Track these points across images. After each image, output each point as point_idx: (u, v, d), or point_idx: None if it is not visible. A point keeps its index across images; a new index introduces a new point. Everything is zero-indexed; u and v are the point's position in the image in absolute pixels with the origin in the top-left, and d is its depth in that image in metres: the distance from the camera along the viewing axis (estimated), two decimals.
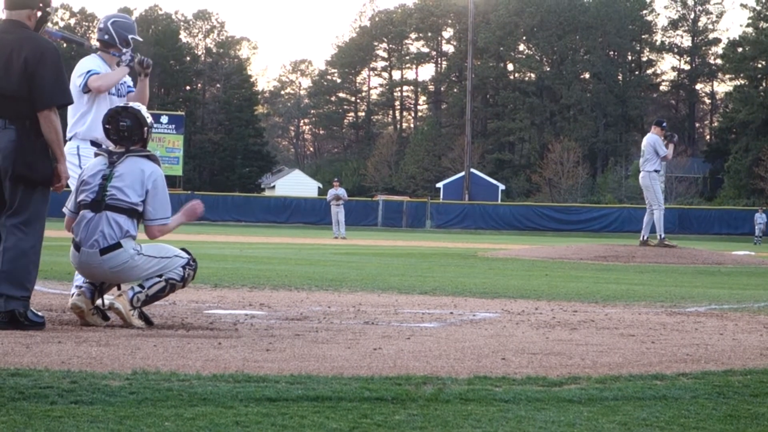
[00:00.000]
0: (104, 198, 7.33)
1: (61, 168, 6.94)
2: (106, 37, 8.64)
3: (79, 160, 8.40)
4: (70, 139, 8.51)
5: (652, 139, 21.23)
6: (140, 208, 7.39)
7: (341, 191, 39.98)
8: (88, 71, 8.46)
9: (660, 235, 21.29)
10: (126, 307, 7.23)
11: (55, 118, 6.84)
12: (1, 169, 6.85)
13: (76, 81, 8.41)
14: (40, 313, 7.11)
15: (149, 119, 7.64)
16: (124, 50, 8.51)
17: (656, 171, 21.13)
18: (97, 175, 7.44)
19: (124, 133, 7.50)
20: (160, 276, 7.34)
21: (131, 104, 7.75)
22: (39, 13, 7.05)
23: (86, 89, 8.40)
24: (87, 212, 7.33)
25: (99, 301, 7.46)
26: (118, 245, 7.25)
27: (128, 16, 8.97)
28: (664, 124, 22.04)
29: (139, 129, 7.54)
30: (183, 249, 7.69)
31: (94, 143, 8.54)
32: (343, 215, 39.26)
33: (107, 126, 7.58)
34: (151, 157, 7.54)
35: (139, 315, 7.32)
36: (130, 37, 8.61)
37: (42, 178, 6.89)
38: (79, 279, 7.82)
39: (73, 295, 7.52)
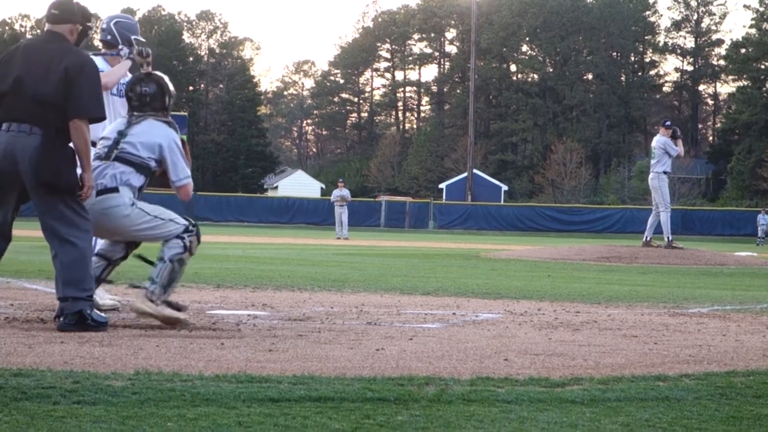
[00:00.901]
0: (115, 151, 7.38)
1: (86, 177, 6.95)
2: (109, 37, 8.65)
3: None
4: None
5: (661, 140, 21.29)
6: (151, 165, 7.39)
7: (345, 192, 39.98)
8: None
9: (667, 237, 21.27)
10: (149, 305, 7.21)
11: (86, 129, 6.87)
12: (23, 175, 6.86)
13: None
14: (102, 314, 7.19)
15: (172, 88, 7.63)
16: (121, 46, 8.51)
17: (665, 173, 21.18)
18: (114, 131, 7.52)
19: (146, 98, 7.52)
20: (161, 259, 7.29)
21: (155, 72, 7.76)
22: (80, 28, 7.20)
23: None
24: (97, 161, 7.39)
25: (98, 301, 7.47)
26: (115, 189, 7.27)
27: (131, 17, 8.98)
28: (668, 123, 22.05)
29: (161, 96, 7.56)
30: (184, 216, 7.58)
31: (95, 143, 8.55)
32: (346, 216, 39.28)
33: (129, 93, 7.58)
34: (170, 123, 7.54)
35: (167, 305, 7.30)
36: (132, 37, 8.62)
37: (66, 185, 6.89)
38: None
39: None
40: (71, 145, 6.92)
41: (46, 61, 6.90)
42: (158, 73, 7.74)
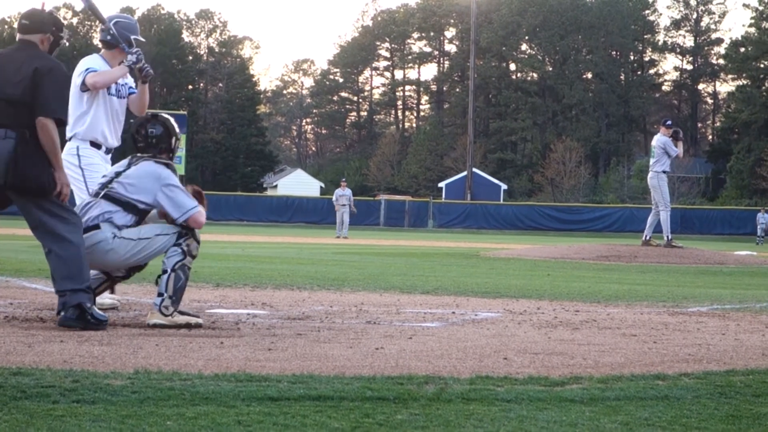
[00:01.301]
0: (105, 189, 7.41)
1: (59, 176, 6.95)
2: (109, 37, 8.64)
3: (79, 160, 8.40)
4: (69, 139, 8.50)
5: (661, 140, 21.28)
6: (139, 206, 7.38)
7: (347, 191, 39.90)
8: (87, 69, 8.46)
9: (667, 236, 21.26)
10: (162, 318, 7.22)
11: (52, 127, 6.88)
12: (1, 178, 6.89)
13: (76, 80, 8.42)
14: (102, 312, 7.21)
15: (177, 129, 7.66)
16: (134, 49, 8.49)
17: (665, 172, 21.18)
18: (113, 171, 7.57)
19: (152, 140, 7.53)
20: (164, 270, 7.30)
21: (161, 113, 7.79)
22: (51, 38, 7.21)
23: (84, 87, 8.41)
24: (88, 198, 7.49)
25: (97, 300, 7.48)
26: (96, 227, 7.28)
27: (131, 17, 8.96)
28: (669, 123, 22.05)
29: (167, 138, 7.58)
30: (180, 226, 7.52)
31: (93, 144, 8.54)
32: (348, 216, 39.22)
33: (135, 135, 7.59)
34: (169, 165, 7.53)
35: (180, 313, 7.32)
36: (132, 37, 8.61)
37: (36, 187, 6.90)
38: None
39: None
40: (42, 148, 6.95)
41: (17, 65, 6.97)
42: (164, 114, 7.78)
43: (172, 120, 7.71)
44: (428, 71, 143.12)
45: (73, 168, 8.29)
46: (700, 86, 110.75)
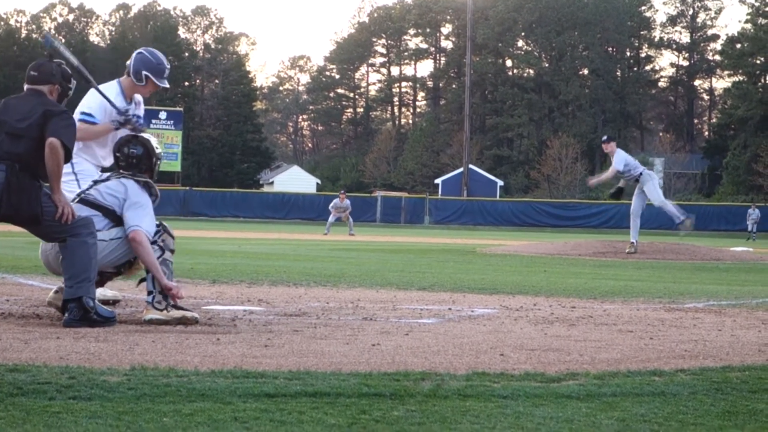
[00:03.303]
0: (82, 195, 7.55)
1: (56, 198, 7.08)
2: (129, 65, 8.65)
3: (72, 166, 8.37)
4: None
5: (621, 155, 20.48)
6: (116, 210, 7.44)
7: (346, 203, 39.71)
8: (83, 113, 8.45)
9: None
10: (157, 313, 7.24)
11: (60, 151, 6.99)
12: None
13: (77, 113, 8.45)
14: (109, 309, 7.26)
15: (159, 151, 7.72)
16: (124, 110, 8.39)
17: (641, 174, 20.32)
18: (93, 180, 7.80)
19: (133, 160, 7.66)
20: (147, 271, 7.34)
21: (142, 134, 7.85)
22: (59, 89, 7.34)
23: None
24: None
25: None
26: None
27: (158, 53, 8.79)
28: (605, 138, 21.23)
29: (147, 159, 7.70)
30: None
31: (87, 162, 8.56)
32: (350, 217, 39.11)
33: (117, 154, 7.70)
34: (147, 184, 7.60)
35: (174, 308, 7.33)
36: (143, 72, 8.55)
37: (29, 217, 7.03)
38: None
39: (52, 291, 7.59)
40: (37, 179, 7.06)
41: (29, 106, 7.13)
42: (145, 135, 7.83)
43: (153, 141, 7.83)
44: (424, 67, 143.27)
45: (70, 182, 8.29)
46: (697, 82, 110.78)
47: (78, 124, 8.35)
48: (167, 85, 8.76)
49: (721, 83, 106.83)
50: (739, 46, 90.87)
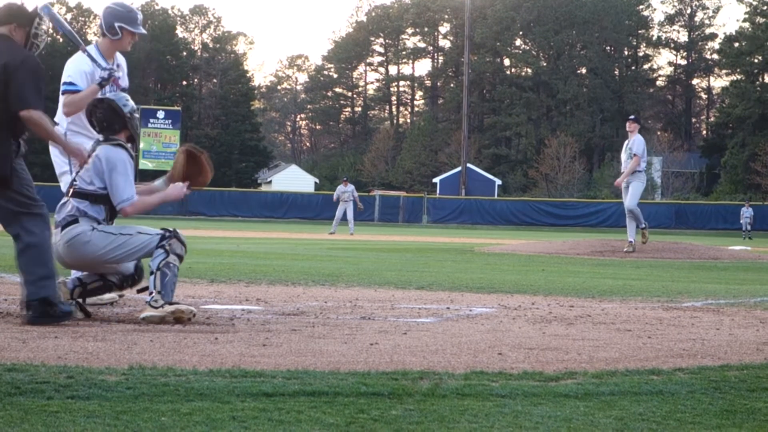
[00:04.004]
0: (73, 185, 7.56)
1: (69, 149, 7.11)
2: (101, 24, 8.57)
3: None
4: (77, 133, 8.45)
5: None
6: (102, 192, 7.47)
7: (350, 187, 39.54)
8: (65, 83, 8.38)
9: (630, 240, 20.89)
10: (153, 311, 7.24)
11: (37, 115, 6.88)
12: None
13: (61, 83, 8.40)
14: (68, 304, 7.23)
15: (128, 107, 7.66)
16: (106, 68, 8.36)
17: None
18: (76, 170, 7.78)
19: (104, 123, 7.64)
20: (151, 272, 7.33)
21: (107, 95, 7.84)
22: (25, 29, 7.11)
23: (64, 109, 8.40)
24: (64, 198, 7.61)
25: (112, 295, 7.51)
26: (75, 221, 7.40)
27: (126, 5, 8.68)
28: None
29: (118, 117, 7.62)
30: (163, 229, 7.63)
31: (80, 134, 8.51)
32: (352, 212, 38.92)
33: (91, 120, 7.74)
34: (121, 145, 7.59)
35: (169, 303, 7.34)
36: (116, 25, 8.46)
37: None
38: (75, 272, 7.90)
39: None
40: (14, 138, 6.92)
41: None
42: (109, 96, 7.80)
43: (120, 99, 7.71)
44: (422, 67, 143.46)
45: (60, 156, 8.27)
46: (694, 81, 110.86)
47: (62, 98, 8.35)
48: (144, 31, 8.63)
49: (719, 82, 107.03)
50: (737, 44, 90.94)
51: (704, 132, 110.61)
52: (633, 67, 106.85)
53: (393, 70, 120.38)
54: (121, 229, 7.42)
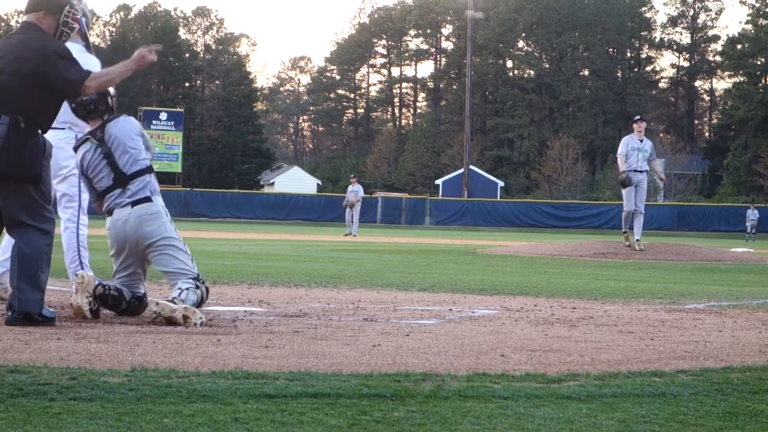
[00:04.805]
0: (123, 172, 7.61)
1: (137, 64, 7.20)
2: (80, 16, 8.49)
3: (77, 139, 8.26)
4: (62, 129, 8.34)
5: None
6: (149, 161, 7.71)
7: (357, 187, 39.53)
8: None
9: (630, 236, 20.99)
10: (171, 304, 7.27)
11: (95, 77, 6.95)
12: None
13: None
14: (51, 309, 7.15)
15: (112, 89, 7.71)
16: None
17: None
18: (96, 160, 7.68)
19: (91, 106, 7.68)
20: (176, 297, 7.39)
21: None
22: (55, 16, 7.00)
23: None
24: (116, 191, 7.64)
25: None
26: (148, 199, 7.62)
27: None
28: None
29: (103, 99, 7.69)
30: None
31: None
32: (358, 214, 38.93)
33: (73, 105, 7.73)
34: (124, 115, 7.83)
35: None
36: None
37: (28, 177, 6.81)
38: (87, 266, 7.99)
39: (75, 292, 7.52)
40: (40, 133, 6.87)
41: (14, 53, 6.84)
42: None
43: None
44: (425, 68, 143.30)
45: (73, 155, 8.20)
46: (697, 83, 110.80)
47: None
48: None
49: (721, 84, 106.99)
50: (739, 46, 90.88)
51: (707, 134, 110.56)
52: (635, 69, 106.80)
53: (396, 71, 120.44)
54: (175, 228, 7.78)
